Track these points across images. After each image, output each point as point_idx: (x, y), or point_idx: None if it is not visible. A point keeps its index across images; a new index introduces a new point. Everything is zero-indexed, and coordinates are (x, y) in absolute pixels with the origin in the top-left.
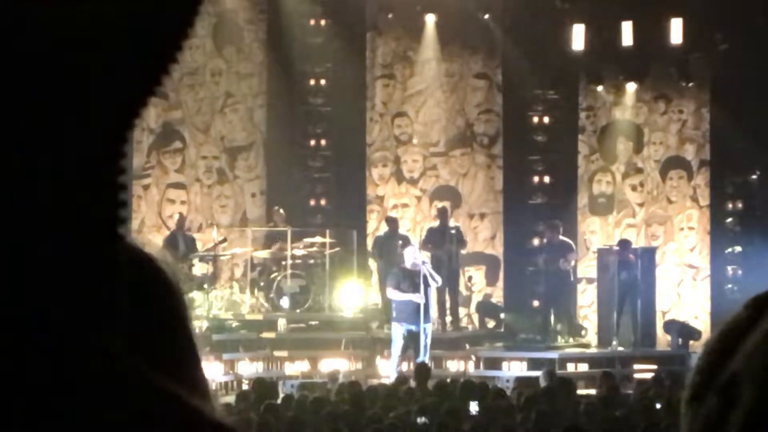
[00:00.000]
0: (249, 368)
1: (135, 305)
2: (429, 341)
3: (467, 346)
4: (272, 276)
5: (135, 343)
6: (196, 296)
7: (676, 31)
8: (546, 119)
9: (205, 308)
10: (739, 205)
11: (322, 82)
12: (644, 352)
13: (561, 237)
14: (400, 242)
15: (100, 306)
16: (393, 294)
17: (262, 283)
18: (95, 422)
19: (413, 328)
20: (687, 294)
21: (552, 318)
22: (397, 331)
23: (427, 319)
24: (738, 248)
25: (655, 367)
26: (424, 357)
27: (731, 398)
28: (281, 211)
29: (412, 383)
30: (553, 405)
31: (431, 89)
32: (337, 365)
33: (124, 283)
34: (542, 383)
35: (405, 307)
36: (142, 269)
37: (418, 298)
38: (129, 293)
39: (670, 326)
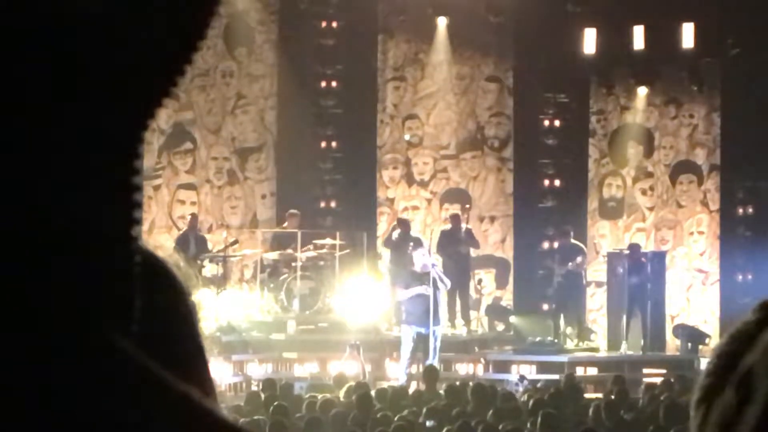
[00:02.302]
0: (258, 370)
1: (144, 307)
2: (438, 344)
3: (476, 349)
4: (282, 277)
5: (143, 345)
6: (205, 297)
7: (688, 35)
8: (557, 123)
9: (215, 309)
10: (750, 210)
11: (333, 84)
12: (653, 356)
13: (572, 240)
14: (411, 244)
15: (115, 307)
16: (402, 294)
17: (271, 285)
18: (107, 420)
19: (423, 330)
20: (696, 298)
21: (562, 321)
22: (407, 334)
23: (436, 321)
24: (748, 253)
25: (664, 371)
26: (434, 360)
27: (748, 392)
28: (297, 214)
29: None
30: (562, 408)
31: (442, 92)
32: (346, 368)
33: (138, 285)
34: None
35: (415, 309)
36: (152, 271)
37: (426, 290)
38: (140, 295)
39: (680, 330)
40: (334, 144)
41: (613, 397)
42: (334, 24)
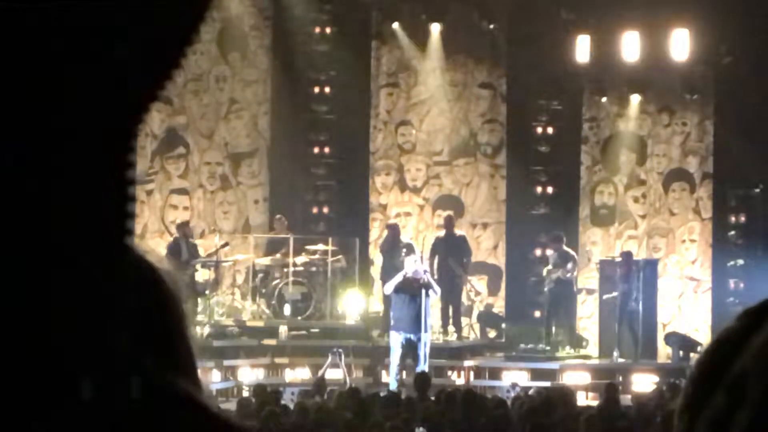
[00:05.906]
0: (250, 375)
1: (136, 315)
2: (428, 351)
3: (468, 356)
4: (274, 283)
5: (135, 351)
6: (197, 303)
7: (681, 43)
8: (549, 130)
9: (207, 314)
10: (742, 218)
11: (327, 89)
12: (645, 363)
13: (565, 248)
14: (404, 250)
15: (109, 314)
16: (389, 287)
17: (263, 290)
18: (109, 422)
19: (411, 336)
20: (688, 306)
21: (553, 328)
22: (396, 340)
23: (425, 328)
24: (740, 261)
25: (655, 378)
26: (423, 366)
27: (740, 396)
28: (284, 219)
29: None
30: (553, 416)
31: (435, 98)
32: (328, 374)
33: (132, 293)
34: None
35: (403, 315)
36: (143, 279)
37: (408, 271)
38: (131, 303)
39: (671, 338)
40: (327, 150)
41: (603, 404)
42: (328, 30)
